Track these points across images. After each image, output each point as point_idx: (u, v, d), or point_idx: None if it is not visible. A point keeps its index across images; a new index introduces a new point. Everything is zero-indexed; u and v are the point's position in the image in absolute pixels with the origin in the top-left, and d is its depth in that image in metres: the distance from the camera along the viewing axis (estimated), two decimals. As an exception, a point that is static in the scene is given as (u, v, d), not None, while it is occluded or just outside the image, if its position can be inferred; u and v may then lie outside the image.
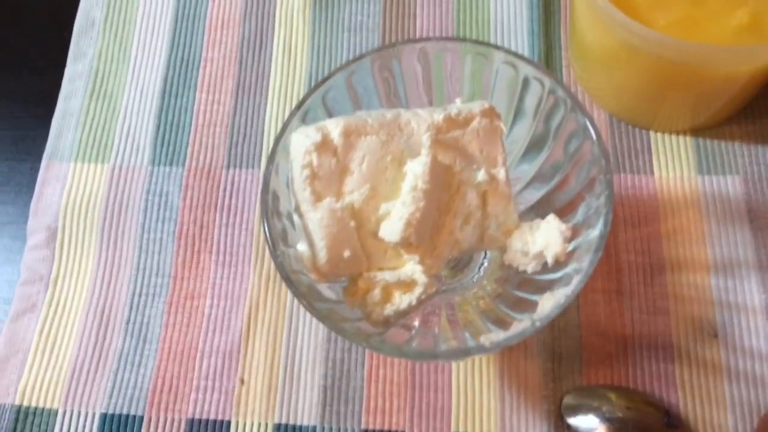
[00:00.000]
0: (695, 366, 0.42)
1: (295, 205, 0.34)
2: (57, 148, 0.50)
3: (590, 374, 0.42)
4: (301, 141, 0.34)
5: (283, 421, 0.42)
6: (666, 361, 0.42)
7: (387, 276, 0.34)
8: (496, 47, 0.36)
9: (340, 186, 0.34)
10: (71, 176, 0.49)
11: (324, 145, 0.34)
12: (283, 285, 0.45)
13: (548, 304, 0.32)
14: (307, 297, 0.32)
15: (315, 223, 0.33)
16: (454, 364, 0.43)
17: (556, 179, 0.37)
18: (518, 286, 0.38)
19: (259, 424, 0.42)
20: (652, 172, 0.46)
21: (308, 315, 0.44)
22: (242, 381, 0.43)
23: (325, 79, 0.36)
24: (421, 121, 0.35)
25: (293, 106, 0.50)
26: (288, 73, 0.52)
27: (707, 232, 0.44)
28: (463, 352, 0.34)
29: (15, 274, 0.47)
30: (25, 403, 0.43)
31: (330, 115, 0.37)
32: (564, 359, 0.42)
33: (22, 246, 0.48)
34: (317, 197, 0.33)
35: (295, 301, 0.45)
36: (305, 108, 0.36)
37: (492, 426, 0.41)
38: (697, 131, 0.47)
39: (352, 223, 0.33)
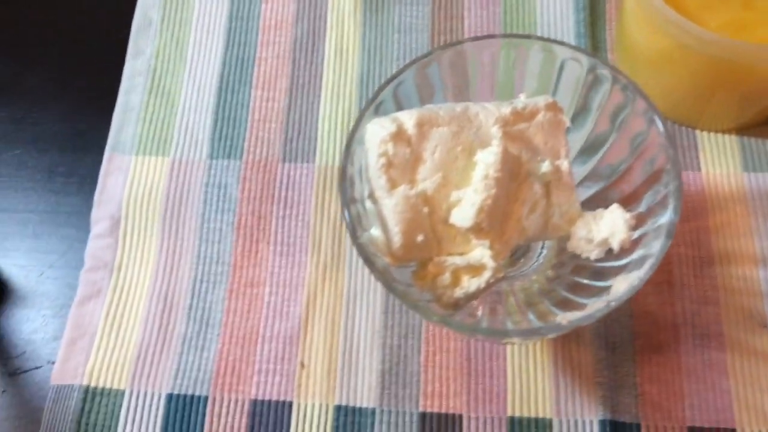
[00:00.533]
0: (746, 354, 0.43)
1: (370, 191, 0.36)
2: (119, 141, 0.52)
3: (643, 362, 0.43)
4: (377, 131, 0.35)
5: (343, 403, 0.43)
6: (717, 349, 0.43)
7: (457, 260, 0.36)
8: (562, 43, 0.38)
9: (413, 174, 0.35)
10: (133, 168, 0.51)
11: (399, 135, 0.35)
12: (340, 274, 0.47)
13: (622, 286, 0.33)
14: (386, 276, 0.34)
15: (390, 209, 0.35)
16: (509, 351, 0.44)
17: (620, 171, 0.39)
18: (578, 272, 0.39)
19: (320, 405, 0.43)
20: (699, 169, 0.48)
21: (364, 303, 0.46)
22: (303, 365, 0.45)
23: (397, 74, 0.38)
24: (488, 114, 0.36)
25: (350, 104, 0.52)
26: (340, 73, 0.54)
27: (754, 226, 0.46)
28: (536, 331, 0.35)
29: (79, 261, 0.49)
30: (93, 384, 0.45)
31: (400, 107, 0.39)
32: (617, 348, 0.43)
33: (85, 235, 0.50)
34: (392, 184, 0.35)
35: (352, 290, 0.46)
36: (378, 100, 0.37)
37: (547, 410, 0.42)
38: (741, 130, 0.48)
39: (426, 210, 0.35)
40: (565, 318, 0.33)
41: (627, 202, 0.37)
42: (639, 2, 0.44)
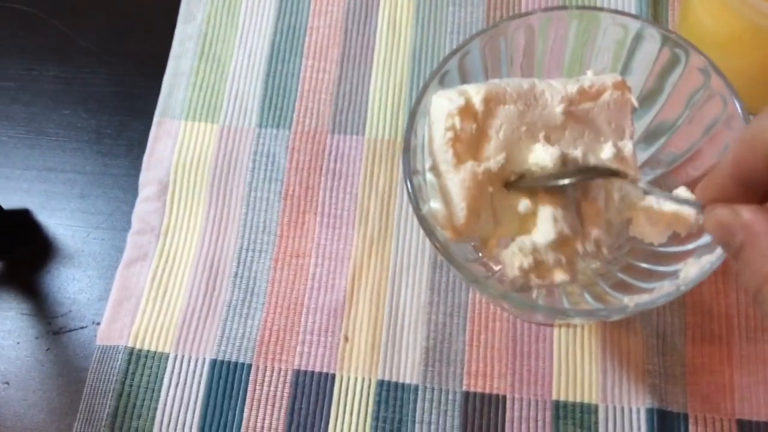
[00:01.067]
0: (801, 349, 0.42)
1: (432, 164, 0.35)
2: (168, 106, 0.52)
3: (694, 351, 0.42)
4: (444, 104, 0.35)
5: (386, 378, 0.43)
6: (771, 342, 0.42)
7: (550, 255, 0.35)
8: (635, 17, 0.36)
9: (478, 151, 0.35)
10: (182, 134, 0.51)
11: (466, 110, 0.34)
12: (386, 249, 0.46)
13: (692, 270, 0.33)
14: (446, 249, 0.33)
15: (456, 183, 0.34)
16: (555, 333, 0.43)
17: (685, 155, 0.37)
18: (636, 255, 0.38)
19: (363, 379, 0.43)
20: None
21: (410, 279, 0.45)
22: (346, 338, 0.44)
23: (463, 44, 0.37)
24: (554, 92, 0.36)
25: (401, 77, 0.51)
26: (392, 45, 0.53)
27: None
28: (599, 312, 0.34)
29: (125, 223, 0.49)
30: (138, 346, 0.45)
31: (465, 79, 0.38)
32: (668, 336, 0.43)
33: (132, 198, 0.50)
34: (459, 159, 0.34)
35: (398, 265, 0.46)
36: (444, 70, 0.37)
37: (593, 396, 0.42)
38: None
39: (491, 189, 0.34)
40: (632, 301, 0.32)
41: (693, 186, 0.36)
42: (709, -19, 0.42)
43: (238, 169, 0.50)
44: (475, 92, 0.35)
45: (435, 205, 0.35)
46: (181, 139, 0.51)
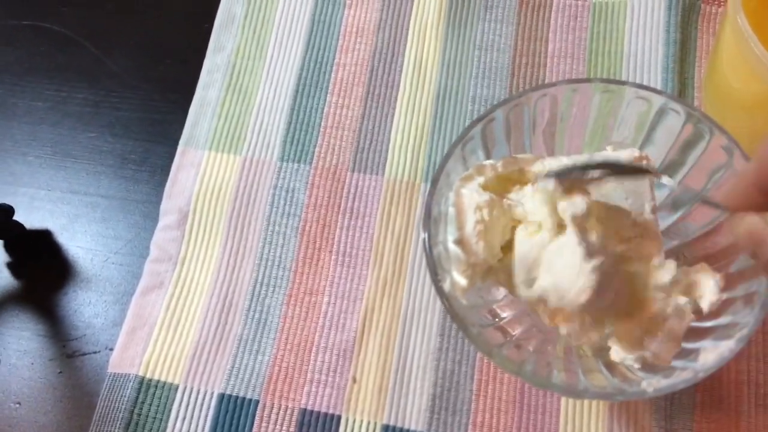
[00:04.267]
0: (812, 422, 0.41)
1: (459, 238, 0.36)
2: (193, 136, 0.53)
3: (702, 416, 0.42)
4: (473, 196, 0.36)
5: (392, 423, 0.43)
6: (782, 413, 0.42)
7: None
8: (660, 92, 0.37)
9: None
10: (205, 164, 0.51)
11: (492, 202, 0.36)
12: (399, 291, 0.47)
13: (711, 356, 0.32)
14: (451, 299, 0.34)
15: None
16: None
17: (703, 229, 0.37)
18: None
19: (369, 423, 0.43)
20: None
21: (421, 323, 0.46)
22: (354, 380, 0.45)
23: (488, 112, 0.38)
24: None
25: (425, 118, 0.51)
26: (417, 86, 0.53)
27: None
28: (617, 393, 0.34)
29: (144, 250, 0.50)
30: (149, 375, 0.45)
31: (487, 146, 0.38)
32: (676, 399, 0.42)
33: (152, 224, 0.50)
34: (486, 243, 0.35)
35: (410, 308, 0.46)
36: (467, 137, 0.37)
37: (598, 455, 0.42)
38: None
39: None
40: (651, 386, 0.32)
41: (713, 260, 0.36)
42: (738, 46, 0.42)
43: (258, 202, 0.50)
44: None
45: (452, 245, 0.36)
46: (204, 169, 0.51)
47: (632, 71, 0.52)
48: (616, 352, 0.34)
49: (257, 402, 0.44)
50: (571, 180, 0.34)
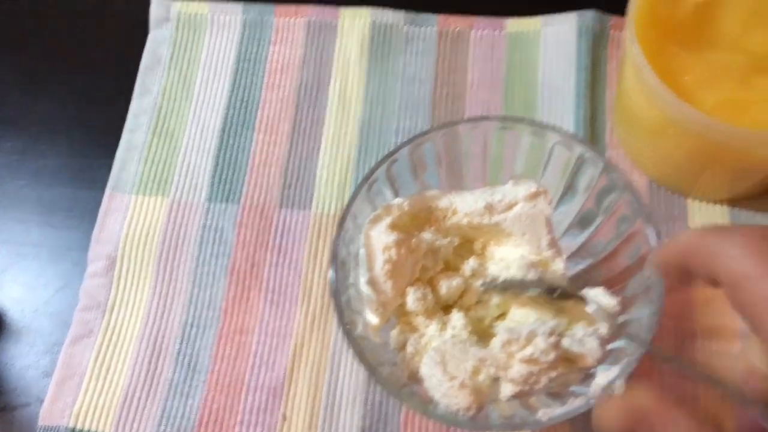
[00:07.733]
0: None
1: (370, 279, 0.37)
2: (120, 180, 0.53)
3: None
4: (382, 238, 0.37)
5: (322, 459, 0.44)
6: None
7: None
8: (553, 128, 0.38)
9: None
10: (132, 208, 0.52)
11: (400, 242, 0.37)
12: (327, 326, 0.48)
13: (602, 382, 0.34)
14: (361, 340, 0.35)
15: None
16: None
17: (606, 251, 0.39)
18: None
19: (299, 461, 0.44)
20: (689, 239, 0.48)
21: (350, 356, 0.46)
22: (285, 417, 0.45)
23: (392, 152, 0.39)
24: (464, 206, 0.38)
25: (349, 152, 0.52)
26: (341, 121, 0.54)
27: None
28: (516, 425, 0.35)
29: (75, 298, 0.50)
30: (79, 426, 0.45)
31: (393, 185, 0.40)
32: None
33: (82, 271, 0.51)
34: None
35: (339, 342, 0.47)
36: (372, 179, 0.39)
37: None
38: (734, 201, 0.49)
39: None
40: (545, 414, 0.33)
41: (612, 284, 0.37)
42: (636, 76, 0.44)
43: (186, 243, 0.51)
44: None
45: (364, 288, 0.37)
46: (131, 213, 0.52)
47: (547, 98, 0.53)
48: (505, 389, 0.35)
49: (188, 446, 0.45)
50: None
